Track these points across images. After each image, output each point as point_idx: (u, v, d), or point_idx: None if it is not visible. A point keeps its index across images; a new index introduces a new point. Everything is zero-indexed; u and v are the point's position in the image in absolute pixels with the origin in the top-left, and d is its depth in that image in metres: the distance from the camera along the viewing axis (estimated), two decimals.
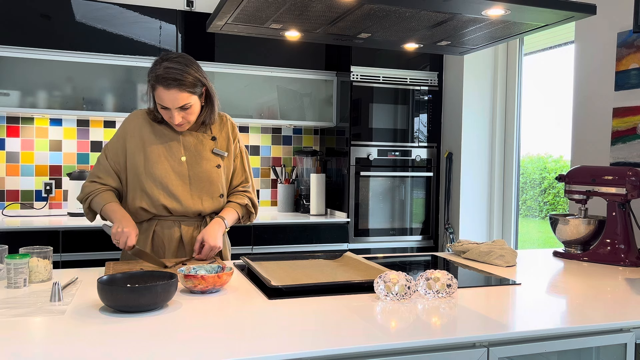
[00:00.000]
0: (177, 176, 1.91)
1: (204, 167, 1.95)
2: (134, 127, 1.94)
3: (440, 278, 1.49)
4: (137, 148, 1.91)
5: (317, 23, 1.88)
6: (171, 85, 1.79)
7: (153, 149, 1.91)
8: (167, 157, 1.91)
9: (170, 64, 1.81)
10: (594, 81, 2.62)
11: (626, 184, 2.05)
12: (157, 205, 1.90)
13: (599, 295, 1.55)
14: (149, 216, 1.93)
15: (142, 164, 1.90)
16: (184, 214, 1.94)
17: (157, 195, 1.89)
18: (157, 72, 1.80)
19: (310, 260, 1.93)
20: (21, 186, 3.37)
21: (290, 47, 3.60)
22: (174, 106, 1.82)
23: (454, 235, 3.62)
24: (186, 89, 1.81)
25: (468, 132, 3.57)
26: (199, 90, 1.87)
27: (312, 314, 1.31)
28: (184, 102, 1.82)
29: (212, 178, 1.96)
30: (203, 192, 1.95)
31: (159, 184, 1.89)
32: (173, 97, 1.80)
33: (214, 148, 1.98)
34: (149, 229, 1.94)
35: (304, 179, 3.85)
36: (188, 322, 1.23)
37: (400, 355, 1.13)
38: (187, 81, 1.81)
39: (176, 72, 1.79)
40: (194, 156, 1.94)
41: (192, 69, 1.83)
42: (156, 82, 1.80)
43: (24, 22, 3.07)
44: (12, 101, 3.11)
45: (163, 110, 1.85)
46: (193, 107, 1.87)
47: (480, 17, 1.76)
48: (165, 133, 1.94)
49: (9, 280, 1.52)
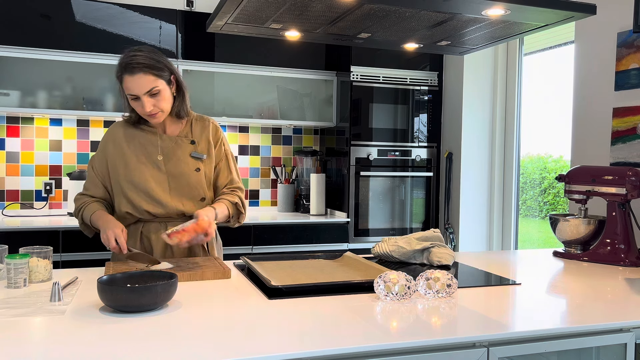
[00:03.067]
0: (156, 181, 1.91)
1: (182, 170, 1.94)
2: (114, 136, 1.95)
3: (440, 278, 1.49)
4: (116, 156, 1.92)
5: (317, 23, 1.88)
6: (135, 70, 1.79)
7: (131, 154, 1.91)
8: (145, 162, 1.91)
9: (132, 52, 1.82)
10: (594, 81, 2.62)
11: (626, 184, 2.05)
12: (140, 211, 1.91)
13: (599, 295, 1.55)
14: (134, 219, 1.94)
15: (122, 171, 1.90)
16: (167, 215, 1.94)
17: (139, 202, 1.90)
18: (121, 62, 1.81)
19: (310, 260, 1.93)
20: (21, 186, 3.37)
21: (290, 47, 3.60)
22: (141, 92, 1.80)
23: (454, 235, 3.62)
24: (150, 71, 1.80)
25: (468, 132, 3.57)
26: (166, 76, 1.85)
27: (312, 314, 1.31)
28: (150, 85, 1.81)
29: (191, 181, 1.95)
30: (183, 195, 1.94)
31: (140, 190, 1.89)
32: (139, 82, 1.79)
33: (193, 152, 1.96)
34: (136, 232, 1.95)
35: (304, 179, 3.85)
36: (188, 322, 1.23)
37: (400, 355, 1.13)
38: (150, 64, 1.81)
39: (140, 57, 1.80)
40: (171, 159, 1.94)
41: (156, 55, 1.85)
42: (122, 72, 1.81)
43: (24, 22, 3.07)
44: (12, 101, 3.11)
45: (135, 103, 1.84)
46: (162, 92, 1.84)
47: (480, 17, 1.76)
48: (143, 137, 1.94)
49: (9, 280, 1.52)
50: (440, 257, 1.91)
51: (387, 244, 1.99)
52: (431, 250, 1.94)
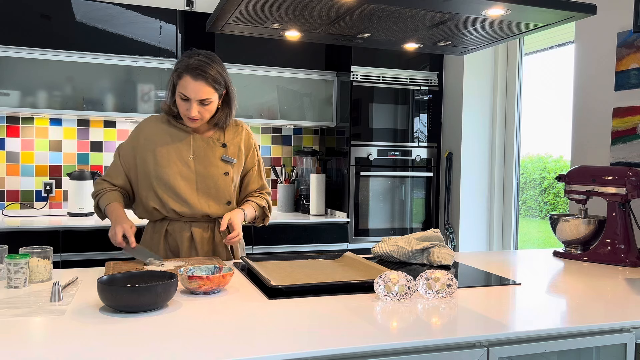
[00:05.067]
0: (185, 180, 1.94)
1: (211, 172, 1.97)
2: (147, 129, 1.99)
3: (440, 278, 1.49)
4: (147, 149, 1.95)
5: (317, 23, 1.88)
6: (199, 77, 1.85)
7: (163, 150, 1.95)
8: (175, 160, 1.94)
9: (202, 57, 1.88)
10: (594, 81, 2.62)
11: (626, 184, 2.05)
12: (168, 209, 1.95)
13: (599, 295, 1.55)
14: (161, 216, 1.98)
15: (152, 166, 1.94)
16: (193, 216, 1.97)
17: (167, 199, 1.93)
18: (189, 62, 1.86)
19: (310, 260, 1.93)
20: (21, 186, 3.37)
21: (290, 47, 3.60)
22: (195, 97, 1.86)
23: (454, 235, 3.62)
24: (212, 83, 1.88)
25: (468, 132, 3.57)
26: (221, 90, 1.93)
27: (312, 314, 1.31)
28: (206, 95, 1.87)
29: (219, 184, 1.97)
30: (210, 197, 1.97)
31: (168, 188, 1.93)
32: (197, 88, 1.85)
33: (223, 155, 1.99)
34: (161, 229, 1.99)
35: (304, 179, 3.85)
36: (188, 322, 1.23)
37: (400, 355, 1.13)
38: (214, 77, 1.88)
39: (207, 66, 1.87)
40: (202, 160, 1.97)
41: (221, 67, 1.92)
42: (185, 71, 1.85)
43: (24, 22, 3.07)
44: (12, 101, 3.11)
45: (182, 102, 1.89)
46: (212, 104, 1.91)
47: (480, 17, 1.76)
48: (176, 134, 1.97)
49: (9, 280, 1.52)
50: (440, 257, 1.91)
51: (387, 244, 1.99)
52: (431, 250, 1.94)
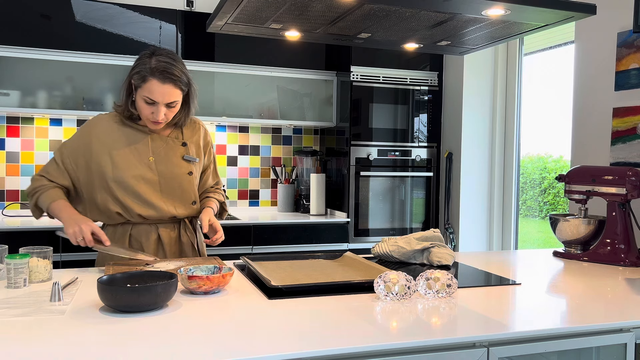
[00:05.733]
0: (147, 183, 1.87)
1: (175, 172, 1.90)
2: (98, 128, 1.88)
3: (440, 278, 1.49)
4: (102, 151, 1.85)
5: (317, 23, 1.88)
6: (167, 80, 1.77)
7: (120, 152, 1.85)
8: (135, 162, 1.86)
9: (165, 58, 1.79)
10: (594, 81, 2.62)
11: (626, 184, 2.05)
12: (132, 214, 1.87)
13: (599, 295, 1.55)
14: (124, 220, 1.90)
15: (110, 169, 1.84)
16: (159, 218, 1.91)
17: (131, 204, 1.85)
18: (152, 64, 1.77)
19: (310, 260, 1.93)
20: (21, 186, 3.37)
21: (290, 47, 3.60)
22: (163, 101, 1.79)
23: (454, 235, 3.62)
24: (180, 85, 1.81)
25: (468, 132, 3.57)
26: (185, 89, 1.86)
27: (312, 314, 1.31)
28: (174, 98, 1.81)
29: (184, 185, 1.92)
30: (175, 199, 1.91)
31: (130, 192, 1.85)
32: (166, 92, 1.78)
33: (185, 154, 1.94)
34: (124, 234, 1.90)
35: (304, 179, 3.85)
36: (188, 322, 1.23)
37: (400, 355, 1.13)
38: (181, 78, 1.81)
39: (173, 67, 1.78)
40: (163, 161, 1.90)
41: (183, 66, 1.84)
42: (150, 74, 1.76)
43: (24, 22, 3.07)
44: (12, 101, 3.11)
45: (146, 105, 1.80)
46: (177, 105, 1.85)
47: (480, 17, 1.76)
48: (132, 135, 1.89)
49: (9, 280, 1.52)
50: (440, 257, 1.91)
51: (387, 244, 1.99)
52: (431, 250, 1.94)
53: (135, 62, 1.82)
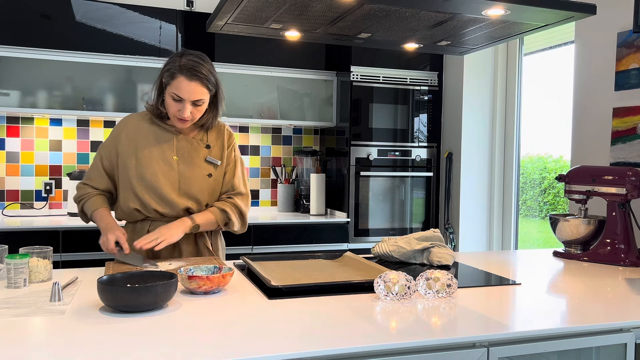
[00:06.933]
0: (167, 180, 1.91)
1: (195, 173, 1.94)
2: (128, 128, 1.95)
3: (440, 278, 1.49)
4: (129, 150, 1.92)
5: (317, 23, 1.88)
6: (195, 78, 1.82)
7: (145, 151, 1.91)
8: (157, 159, 1.91)
9: (194, 57, 1.85)
10: (594, 81, 2.62)
11: (626, 184, 2.05)
12: (149, 209, 1.91)
13: (599, 295, 1.55)
14: (142, 217, 1.94)
15: (134, 166, 1.90)
16: (175, 216, 1.94)
17: (148, 200, 1.90)
18: (181, 62, 1.83)
19: (310, 260, 1.93)
20: (21, 186, 3.37)
21: (290, 47, 3.60)
22: (189, 98, 1.83)
23: (454, 235, 3.62)
24: (206, 83, 1.85)
25: (468, 132, 3.57)
26: (213, 91, 1.90)
27: (312, 314, 1.31)
28: (200, 96, 1.85)
29: (202, 186, 1.95)
30: (191, 198, 1.94)
31: (150, 188, 1.89)
32: (193, 89, 1.83)
33: (207, 156, 1.97)
34: (142, 230, 1.95)
35: (304, 179, 3.85)
36: (188, 322, 1.23)
37: (400, 355, 1.13)
38: (208, 77, 1.85)
39: (201, 66, 1.84)
40: (186, 161, 1.94)
41: (212, 67, 1.89)
42: (179, 72, 1.82)
43: (24, 22, 3.07)
44: (12, 101, 3.11)
45: (173, 103, 1.85)
46: (203, 105, 1.89)
47: (480, 17, 1.76)
48: (160, 134, 1.94)
49: (9, 280, 1.52)
50: (440, 257, 1.91)
51: (387, 244, 1.99)
52: (431, 250, 1.94)
53: (167, 61, 1.88)
